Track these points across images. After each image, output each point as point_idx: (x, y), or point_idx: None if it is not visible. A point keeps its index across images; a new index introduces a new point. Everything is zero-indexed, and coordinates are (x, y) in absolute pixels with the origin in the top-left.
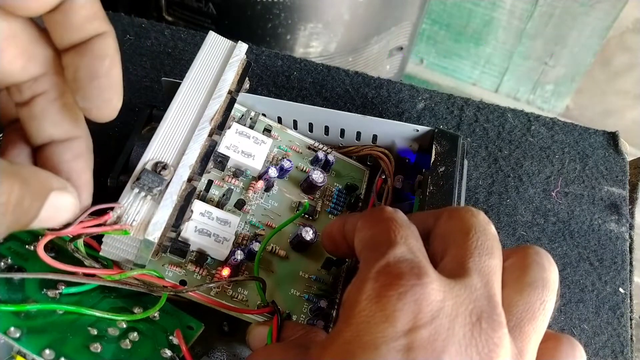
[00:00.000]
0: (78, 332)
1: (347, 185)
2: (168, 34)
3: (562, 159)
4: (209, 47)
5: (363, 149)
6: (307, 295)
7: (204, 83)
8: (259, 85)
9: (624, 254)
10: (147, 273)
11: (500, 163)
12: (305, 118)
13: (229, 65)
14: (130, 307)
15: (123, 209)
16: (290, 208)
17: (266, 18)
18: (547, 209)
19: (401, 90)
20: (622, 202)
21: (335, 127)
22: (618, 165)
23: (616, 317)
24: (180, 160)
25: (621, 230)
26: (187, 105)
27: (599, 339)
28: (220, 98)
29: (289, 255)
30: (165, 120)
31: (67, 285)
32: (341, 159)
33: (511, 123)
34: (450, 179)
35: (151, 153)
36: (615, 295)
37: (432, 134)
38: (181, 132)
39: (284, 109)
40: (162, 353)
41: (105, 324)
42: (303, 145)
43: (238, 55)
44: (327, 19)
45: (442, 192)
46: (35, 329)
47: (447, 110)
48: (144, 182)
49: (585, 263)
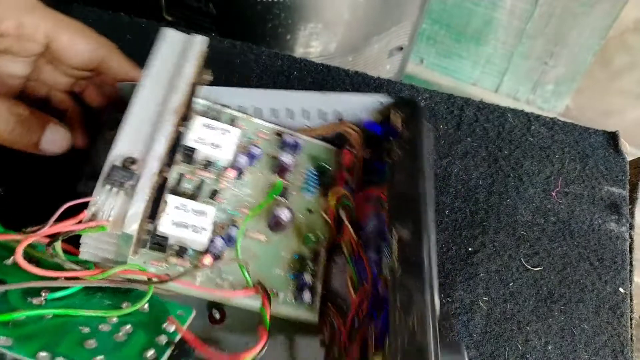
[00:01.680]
0: (70, 332)
1: (318, 166)
2: None
3: (562, 158)
4: (164, 43)
5: (329, 128)
6: (292, 275)
7: (163, 78)
8: (259, 85)
9: (624, 253)
10: (130, 268)
11: (501, 163)
12: (267, 104)
13: (187, 58)
14: (118, 304)
15: (97, 206)
16: (264, 193)
17: (266, 18)
18: (547, 209)
19: (401, 90)
20: (622, 202)
21: (298, 109)
22: (618, 165)
23: (616, 316)
24: (148, 153)
25: (621, 230)
26: (149, 100)
27: (599, 338)
28: (181, 90)
29: (269, 238)
30: (129, 117)
31: (51, 291)
32: (309, 141)
33: (511, 123)
34: (416, 143)
35: (118, 149)
36: (615, 295)
37: (393, 106)
38: (146, 126)
39: (245, 97)
40: (158, 340)
41: (96, 322)
42: (270, 132)
43: (195, 48)
44: (327, 19)
45: (410, 156)
46: (25, 336)
47: (447, 110)
48: (114, 177)
49: (586, 263)
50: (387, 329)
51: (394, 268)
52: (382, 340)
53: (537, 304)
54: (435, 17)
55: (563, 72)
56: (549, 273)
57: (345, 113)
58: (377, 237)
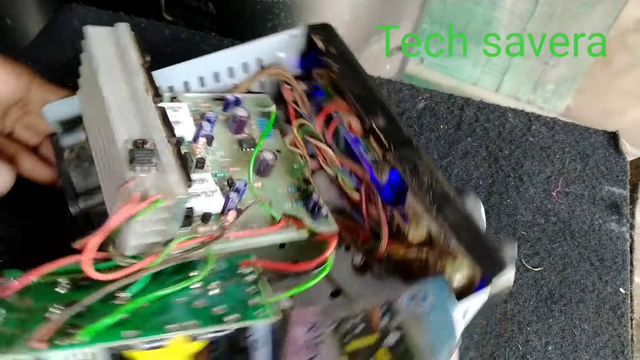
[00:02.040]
0: (173, 306)
1: (264, 113)
2: (167, 33)
3: (563, 158)
4: (96, 40)
5: (256, 77)
6: (298, 202)
7: (116, 69)
8: None
9: (624, 254)
10: (180, 241)
11: (501, 163)
12: (194, 74)
13: (124, 45)
14: (186, 274)
15: (139, 187)
16: (238, 150)
17: (266, 17)
18: (548, 209)
19: (401, 90)
20: (622, 202)
21: (223, 69)
22: (619, 165)
23: (617, 317)
24: (150, 130)
25: (622, 230)
26: (118, 92)
27: (600, 339)
28: (138, 72)
29: (263, 183)
30: (110, 112)
31: (124, 291)
32: (245, 96)
33: (512, 123)
34: (344, 52)
35: (121, 137)
36: (615, 296)
37: (308, 32)
38: (131, 112)
39: (171, 76)
40: (246, 280)
41: (185, 293)
42: (208, 100)
43: (125, 35)
44: (327, 19)
45: (346, 63)
46: (144, 321)
47: (447, 110)
48: (139, 158)
49: (586, 263)
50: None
51: (385, 154)
52: (403, 213)
53: (537, 304)
54: (436, 17)
55: (564, 72)
56: (549, 273)
57: (265, 58)
58: (352, 144)
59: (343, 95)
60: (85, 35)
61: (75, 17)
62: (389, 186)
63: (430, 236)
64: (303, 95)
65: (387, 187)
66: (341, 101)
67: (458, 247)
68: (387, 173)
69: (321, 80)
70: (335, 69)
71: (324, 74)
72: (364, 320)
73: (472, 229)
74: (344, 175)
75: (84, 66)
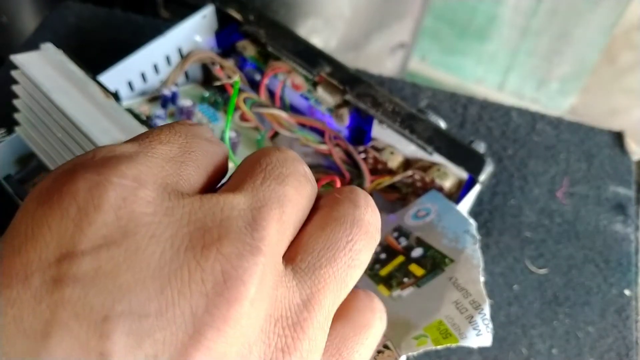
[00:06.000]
0: None
1: (202, 99)
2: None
3: (568, 158)
4: (33, 66)
5: (178, 69)
6: None
7: (66, 86)
8: None
9: (629, 255)
10: None
11: (505, 163)
12: (121, 83)
13: (62, 63)
14: None
15: None
16: None
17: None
18: (553, 210)
19: (403, 88)
20: (628, 203)
21: (148, 68)
22: (624, 165)
23: (622, 319)
24: (129, 132)
25: (627, 232)
26: (79, 105)
27: (605, 341)
28: (89, 83)
29: (234, 163)
30: (82, 125)
31: None
32: (178, 90)
33: (516, 122)
34: (264, 15)
35: (105, 143)
36: (621, 298)
37: (218, 8)
38: (102, 120)
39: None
40: None
41: None
42: (144, 103)
43: (57, 53)
44: (328, 15)
45: (273, 27)
46: None
47: (450, 109)
48: None
49: (591, 265)
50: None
51: (342, 97)
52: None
53: (541, 306)
54: (438, 14)
55: (568, 70)
56: (554, 275)
57: (184, 45)
58: (302, 101)
59: (278, 57)
60: (17, 64)
61: (72, 14)
62: (350, 129)
63: (407, 158)
64: (236, 69)
65: (348, 130)
66: (278, 63)
67: (439, 157)
68: (347, 115)
69: (246, 51)
70: (261, 33)
71: (246, 45)
72: (384, 249)
73: (445, 138)
74: (304, 133)
75: (23, 98)
